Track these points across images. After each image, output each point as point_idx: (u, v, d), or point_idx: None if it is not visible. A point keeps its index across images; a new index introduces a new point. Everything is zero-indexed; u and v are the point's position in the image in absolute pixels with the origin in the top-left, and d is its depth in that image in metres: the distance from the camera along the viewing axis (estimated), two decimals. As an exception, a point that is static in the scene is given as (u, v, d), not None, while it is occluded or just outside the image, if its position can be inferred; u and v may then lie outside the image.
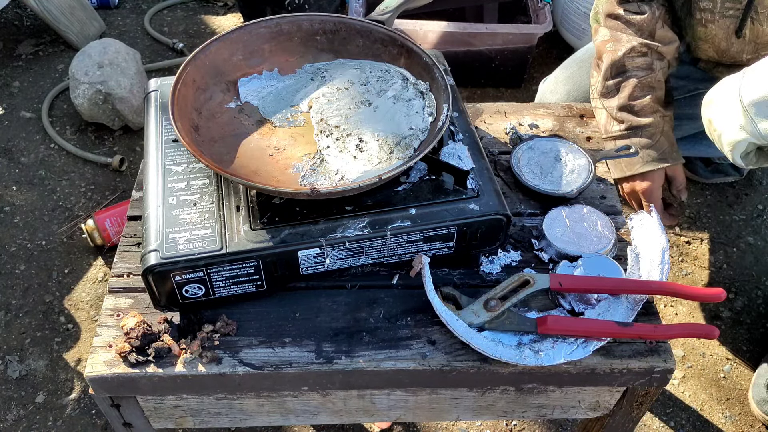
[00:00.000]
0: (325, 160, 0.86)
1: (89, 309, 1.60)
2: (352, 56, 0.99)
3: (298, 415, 0.91)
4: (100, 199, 1.85)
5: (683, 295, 0.86)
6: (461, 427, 1.43)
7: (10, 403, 1.44)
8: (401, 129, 0.89)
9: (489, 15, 2.25)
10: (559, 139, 1.05)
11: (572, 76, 1.42)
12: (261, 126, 0.92)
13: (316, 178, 0.85)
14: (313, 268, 0.83)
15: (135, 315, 0.82)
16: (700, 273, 1.69)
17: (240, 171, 0.85)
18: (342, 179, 0.84)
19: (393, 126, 0.90)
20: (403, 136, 0.88)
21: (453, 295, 0.85)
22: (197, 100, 0.91)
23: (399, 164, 0.83)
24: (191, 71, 0.90)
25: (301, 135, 0.91)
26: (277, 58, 0.98)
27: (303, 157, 0.87)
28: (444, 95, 0.89)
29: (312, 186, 0.82)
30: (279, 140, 0.90)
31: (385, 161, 0.85)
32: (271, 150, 0.89)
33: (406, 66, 0.96)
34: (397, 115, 0.91)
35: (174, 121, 0.82)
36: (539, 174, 1.00)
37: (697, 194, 1.85)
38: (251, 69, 0.97)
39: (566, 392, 0.89)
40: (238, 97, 0.95)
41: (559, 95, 1.42)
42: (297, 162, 0.87)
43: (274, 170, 0.86)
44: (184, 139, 0.80)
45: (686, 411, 1.45)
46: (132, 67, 1.94)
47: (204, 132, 0.89)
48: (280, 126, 0.92)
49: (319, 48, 1.00)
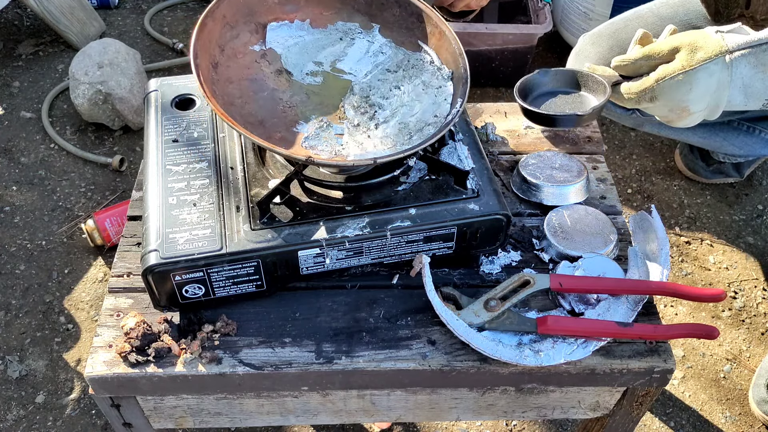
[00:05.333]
0: (333, 128, 0.84)
1: (89, 309, 1.60)
2: (386, 24, 0.96)
3: (298, 415, 0.91)
4: (100, 199, 1.85)
5: (683, 295, 0.86)
6: (461, 427, 1.42)
7: (10, 403, 1.44)
8: (426, 116, 0.87)
9: (489, 15, 2.25)
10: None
11: (617, 33, 1.39)
12: (279, 76, 0.90)
13: (318, 142, 0.83)
14: (313, 268, 0.83)
15: (135, 315, 0.82)
16: (700, 273, 1.69)
17: (245, 118, 0.82)
18: (342, 151, 0.83)
19: (418, 111, 0.88)
20: (427, 123, 0.87)
21: (453, 295, 0.85)
22: (223, 37, 0.88)
23: (398, 151, 0.81)
24: (224, 6, 0.87)
25: (316, 94, 0.89)
26: (312, 9, 0.96)
27: (312, 117, 0.86)
28: (462, 88, 0.87)
29: (308, 155, 0.80)
30: (293, 95, 0.88)
31: (402, 145, 0.84)
32: (283, 104, 0.87)
33: (435, 48, 0.94)
34: (425, 101, 0.89)
35: (193, 57, 0.80)
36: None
37: (697, 194, 1.85)
38: (284, 15, 0.95)
39: (566, 392, 0.89)
40: (263, 42, 0.93)
41: (601, 48, 1.39)
42: (304, 122, 0.86)
43: (280, 125, 0.84)
44: (198, 77, 0.79)
45: (686, 411, 1.45)
46: (132, 67, 1.94)
47: (222, 71, 0.86)
48: (298, 80, 0.90)
49: (356, 8, 0.97)
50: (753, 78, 0.81)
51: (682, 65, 0.81)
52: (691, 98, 0.82)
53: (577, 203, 0.98)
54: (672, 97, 0.83)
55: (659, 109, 0.86)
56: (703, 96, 0.82)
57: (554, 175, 0.99)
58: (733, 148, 1.44)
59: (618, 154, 1.97)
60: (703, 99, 0.82)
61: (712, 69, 0.80)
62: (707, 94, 0.82)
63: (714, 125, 1.36)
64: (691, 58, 0.81)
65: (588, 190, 1.00)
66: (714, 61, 0.80)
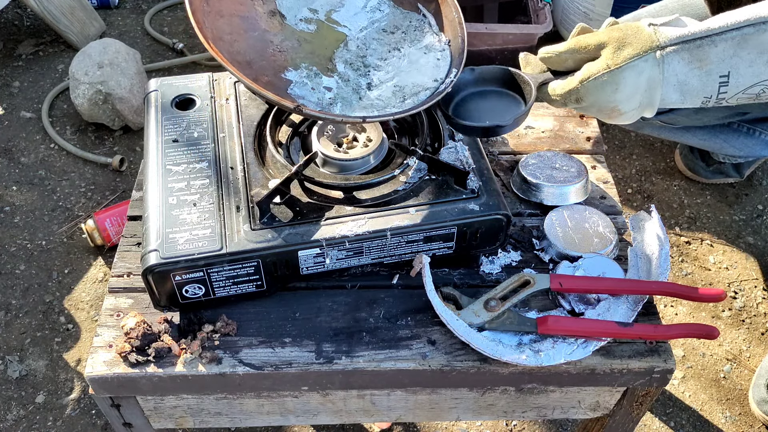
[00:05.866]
0: (321, 80, 0.82)
1: (89, 309, 1.60)
2: None
3: (298, 415, 0.91)
4: (100, 199, 1.85)
5: (683, 296, 0.86)
6: (461, 427, 1.42)
7: (10, 403, 1.44)
8: (424, 80, 0.85)
9: (489, 15, 2.25)
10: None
11: (686, 6, 1.31)
12: (272, 18, 0.87)
13: (306, 93, 0.80)
14: (313, 268, 0.83)
15: (135, 315, 0.82)
16: (700, 273, 1.69)
17: (233, 56, 0.79)
18: (330, 106, 0.80)
19: (416, 75, 0.85)
20: (425, 87, 0.84)
21: (453, 295, 0.85)
22: None
23: (387, 113, 0.79)
24: None
25: (308, 42, 0.86)
26: None
27: (302, 66, 0.83)
28: (458, 58, 0.85)
29: (297, 103, 0.77)
30: (284, 39, 0.85)
31: (393, 108, 0.81)
32: (273, 47, 0.84)
33: (435, 13, 0.91)
34: (425, 66, 0.86)
35: None
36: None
37: (697, 194, 1.85)
38: None
39: (566, 392, 0.89)
40: None
41: None
42: (293, 69, 0.83)
43: (268, 68, 0.81)
44: (188, 6, 0.76)
45: (686, 411, 1.45)
46: (132, 67, 1.94)
47: (214, 3, 0.83)
48: (291, 25, 0.87)
49: None
50: (688, 75, 0.75)
51: (606, 64, 0.75)
52: (618, 98, 0.76)
53: (577, 203, 0.98)
54: (598, 98, 0.77)
55: (588, 110, 0.80)
56: (632, 96, 0.76)
57: (554, 175, 0.99)
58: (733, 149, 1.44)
59: (618, 154, 1.97)
60: (632, 99, 0.77)
61: (641, 67, 0.74)
62: (637, 94, 0.76)
63: (714, 127, 1.36)
64: (617, 56, 0.75)
65: (588, 190, 1.00)
66: (643, 57, 0.74)
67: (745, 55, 0.74)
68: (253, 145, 0.91)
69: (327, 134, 0.90)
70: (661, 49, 0.74)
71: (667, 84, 0.75)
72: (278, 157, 0.88)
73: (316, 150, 0.88)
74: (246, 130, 0.93)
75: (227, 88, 0.99)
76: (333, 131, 0.90)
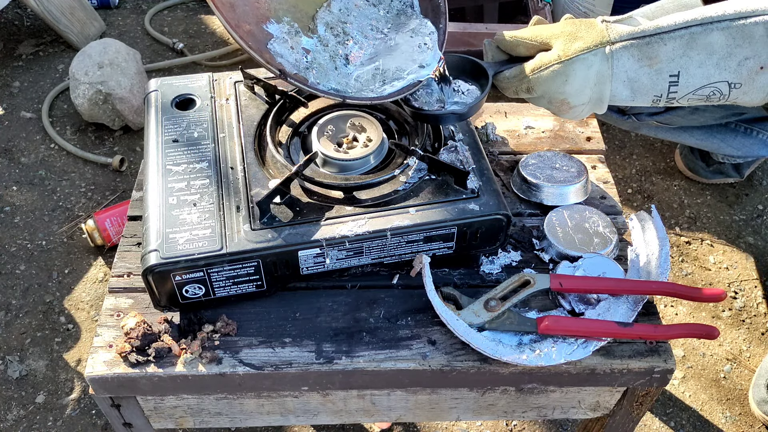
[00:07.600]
0: (301, 39, 0.80)
1: (89, 309, 1.60)
2: None
3: (298, 415, 0.91)
4: (100, 199, 1.85)
5: (683, 295, 0.86)
6: (461, 427, 1.42)
7: (10, 403, 1.44)
8: (407, 64, 0.84)
9: (489, 15, 2.25)
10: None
11: (682, 7, 1.31)
12: None
13: (285, 51, 0.79)
14: (313, 268, 0.83)
15: (135, 315, 0.82)
16: (700, 273, 1.69)
17: None
18: (306, 71, 0.78)
19: (399, 58, 0.84)
20: (408, 72, 0.83)
21: (453, 295, 0.85)
22: None
23: (371, 96, 0.78)
24: None
25: None
26: None
27: (284, 19, 0.81)
28: (440, 38, 0.84)
29: (281, 66, 0.75)
30: None
31: (371, 92, 0.80)
32: None
33: None
34: (409, 50, 0.85)
35: None
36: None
37: (697, 194, 1.85)
38: None
39: (566, 392, 0.89)
40: None
41: None
42: (275, 21, 0.81)
43: (250, 16, 0.79)
44: None
45: (686, 411, 1.45)
46: (132, 67, 1.94)
47: None
48: None
49: None
50: (638, 72, 0.76)
51: (558, 55, 0.77)
52: (567, 90, 0.78)
53: (577, 203, 0.98)
54: (548, 88, 0.78)
55: (539, 101, 0.81)
56: (581, 89, 0.78)
57: (554, 175, 0.99)
58: (731, 149, 1.44)
59: (618, 154, 1.97)
60: (582, 92, 0.78)
61: (591, 60, 0.76)
62: (586, 87, 0.77)
63: (711, 127, 1.35)
64: (568, 48, 0.76)
65: (588, 190, 1.00)
66: (593, 51, 0.75)
67: (694, 56, 0.75)
68: (253, 145, 0.91)
69: (327, 134, 0.90)
70: (611, 44, 0.75)
71: (616, 79, 0.77)
72: (278, 157, 0.88)
73: (316, 150, 0.88)
74: (246, 130, 0.93)
75: (227, 88, 0.99)
76: (333, 131, 0.90)
